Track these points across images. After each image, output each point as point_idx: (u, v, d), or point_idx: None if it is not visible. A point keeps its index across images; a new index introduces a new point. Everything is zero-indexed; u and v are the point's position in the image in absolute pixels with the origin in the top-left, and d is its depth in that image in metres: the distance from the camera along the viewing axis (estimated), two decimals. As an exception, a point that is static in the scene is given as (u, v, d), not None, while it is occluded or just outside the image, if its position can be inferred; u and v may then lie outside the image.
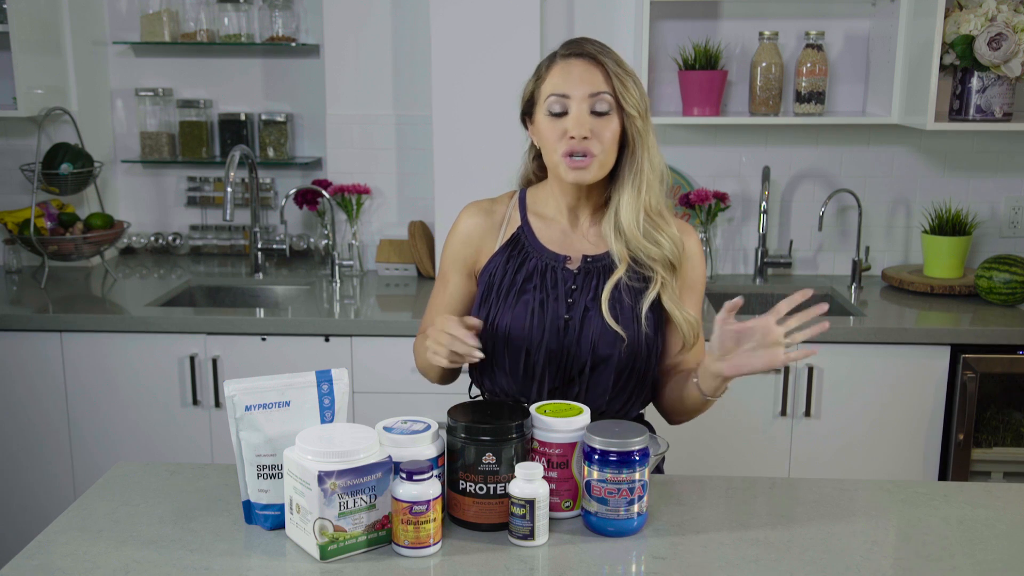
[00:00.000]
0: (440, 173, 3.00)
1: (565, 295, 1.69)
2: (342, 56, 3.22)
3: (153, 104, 3.35)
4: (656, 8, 3.05)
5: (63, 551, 1.41)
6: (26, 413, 2.81)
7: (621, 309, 1.67)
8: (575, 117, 1.62)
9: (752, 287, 3.18)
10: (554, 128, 1.64)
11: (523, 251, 1.73)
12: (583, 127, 1.62)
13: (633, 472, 1.42)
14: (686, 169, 3.25)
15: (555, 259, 1.72)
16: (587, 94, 1.62)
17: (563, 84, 1.63)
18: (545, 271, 1.71)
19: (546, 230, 1.75)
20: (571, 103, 1.63)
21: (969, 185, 3.23)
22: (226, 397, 1.45)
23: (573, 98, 1.63)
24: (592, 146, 1.62)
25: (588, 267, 1.71)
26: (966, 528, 1.51)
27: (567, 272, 1.71)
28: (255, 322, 2.77)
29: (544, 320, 1.68)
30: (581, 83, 1.62)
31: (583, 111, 1.62)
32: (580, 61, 1.64)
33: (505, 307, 1.69)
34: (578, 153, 1.62)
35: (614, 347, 1.66)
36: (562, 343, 1.68)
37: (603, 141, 1.63)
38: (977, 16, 2.80)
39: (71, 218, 3.18)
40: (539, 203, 1.77)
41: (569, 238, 1.74)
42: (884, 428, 2.74)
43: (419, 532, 1.37)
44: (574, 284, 1.70)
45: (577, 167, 1.63)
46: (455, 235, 1.79)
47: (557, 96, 1.63)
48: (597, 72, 1.63)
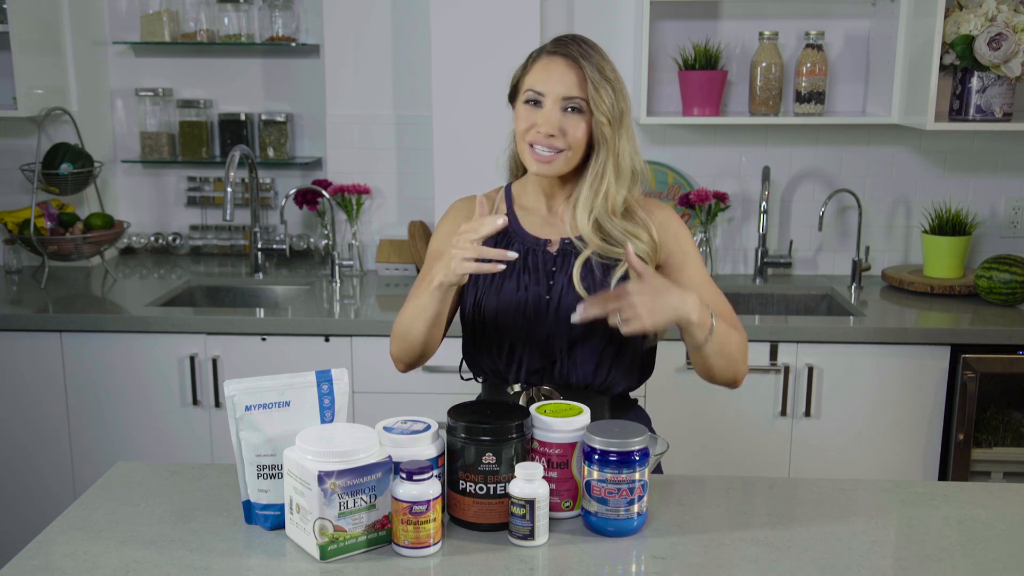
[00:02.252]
0: (440, 173, 3.00)
1: (546, 276, 1.75)
2: (342, 56, 3.22)
3: (153, 104, 3.35)
4: (656, 8, 3.05)
5: (63, 551, 1.41)
6: (26, 413, 2.81)
7: (592, 284, 1.72)
8: (545, 114, 1.69)
9: (752, 287, 3.18)
10: (527, 117, 1.71)
11: (507, 237, 1.79)
12: (551, 125, 1.69)
13: (633, 472, 1.42)
14: (686, 169, 3.25)
15: (536, 243, 1.78)
16: (560, 96, 1.69)
17: (540, 81, 1.70)
18: (527, 254, 1.77)
19: (528, 217, 1.82)
20: (546, 100, 1.70)
21: (969, 185, 3.23)
22: (226, 397, 1.45)
23: (547, 95, 1.69)
24: (557, 143, 1.69)
25: (566, 248, 1.77)
26: (966, 528, 1.51)
27: (547, 254, 1.77)
28: (255, 322, 2.77)
29: (527, 300, 1.73)
30: (557, 84, 1.69)
31: (555, 110, 1.69)
32: (562, 62, 1.70)
33: (491, 290, 1.75)
34: (543, 147, 1.70)
35: (589, 322, 1.67)
36: (544, 322, 1.73)
37: (570, 138, 1.70)
38: (977, 16, 2.79)
39: (71, 218, 3.18)
40: (523, 194, 1.85)
41: (548, 223, 1.80)
42: (884, 428, 2.74)
43: (419, 532, 1.37)
44: (554, 266, 1.76)
45: (540, 160, 1.71)
46: (441, 228, 1.84)
47: (533, 92, 1.71)
48: (574, 76, 1.69)
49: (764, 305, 3.16)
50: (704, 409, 2.73)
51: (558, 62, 1.70)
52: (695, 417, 2.73)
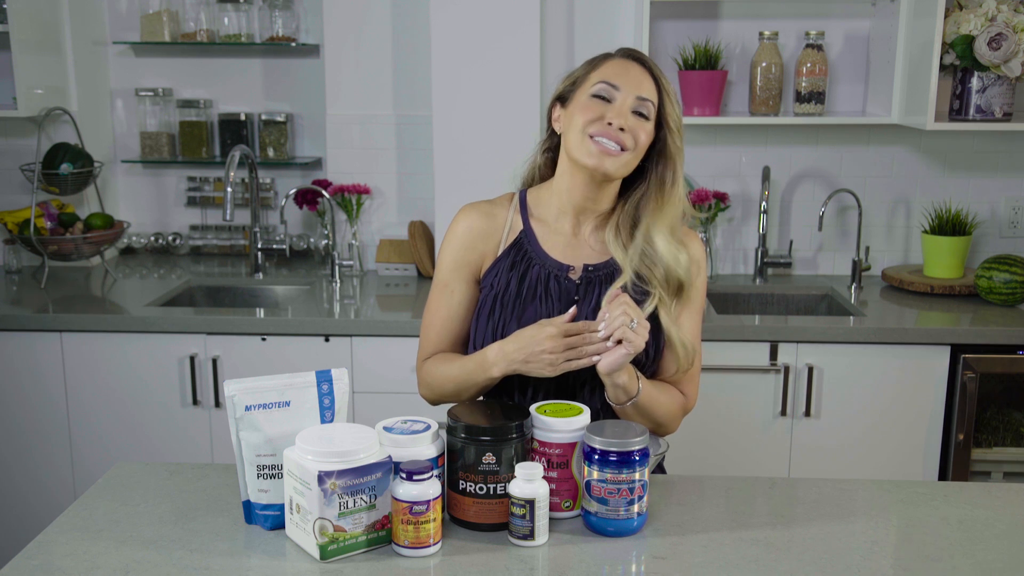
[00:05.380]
0: (440, 173, 3.00)
1: (567, 306, 1.67)
2: (342, 56, 3.22)
3: (153, 104, 3.35)
4: (656, 8, 3.05)
5: (63, 551, 1.41)
6: (26, 413, 2.81)
7: None
8: (618, 107, 1.64)
9: (752, 287, 3.18)
10: (593, 108, 1.64)
11: (526, 258, 1.71)
12: (624, 118, 1.63)
13: (633, 472, 1.42)
14: (686, 169, 3.23)
15: (558, 268, 1.70)
16: (637, 94, 1.64)
17: (618, 76, 1.65)
18: (548, 280, 1.69)
19: (549, 236, 1.73)
20: (619, 95, 1.64)
21: (969, 185, 3.23)
22: (226, 397, 1.45)
23: (623, 90, 1.64)
24: (626, 140, 1.62)
25: (589, 276, 1.70)
26: (966, 528, 1.50)
27: (569, 282, 1.69)
28: (255, 322, 2.77)
29: None
30: (635, 82, 1.65)
31: (627, 105, 1.64)
32: (637, 66, 1.67)
33: (511, 320, 1.67)
34: (609, 141, 1.62)
35: None
36: None
37: (637, 140, 1.64)
38: (977, 16, 2.80)
39: (71, 218, 3.18)
40: (541, 205, 1.75)
41: (571, 245, 1.72)
42: (884, 428, 2.74)
43: (419, 532, 1.37)
44: (577, 295, 1.69)
45: (604, 151, 1.62)
46: (455, 239, 1.74)
47: (608, 84, 1.65)
48: (651, 81, 1.66)
49: (764, 305, 3.16)
50: (704, 409, 2.72)
51: (634, 65, 1.67)
52: (695, 417, 2.72)
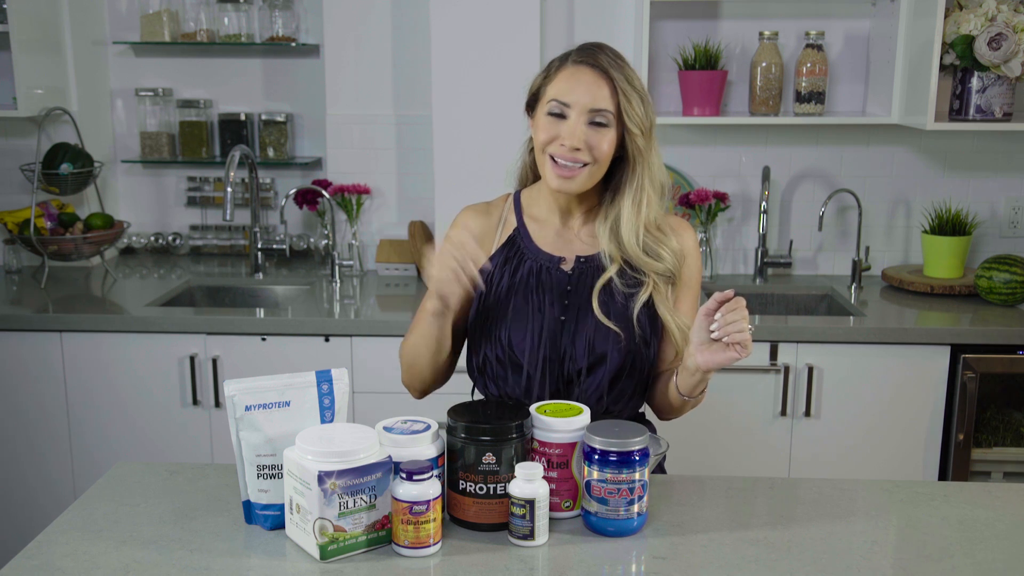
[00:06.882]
0: (440, 173, 3.00)
1: (560, 297, 1.69)
2: (342, 56, 3.22)
3: (153, 104, 3.35)
4: (656, 8, 3.05)
5: (63, 551, 1.41)
6: (26, 413, 2.81)
7: (613, 308, 1.67)
8: (570, 127, 1.61)
9: (752, 287, 3.18)
10: (549, 128, 1.64)
11: (519, 253, 1.73)
12: (576, 138, 1.61)
13: (633, 472, 1.42)
14: (686, 169, 3.25)
15: (549, 260, 1.72)
16: (588, 107, 1.61)
17: (567, 92, 1.62)
18: (540, 272, 1.71)
19: (540, 231, 1.75)
20: (571, 111, 1.62)
21: (969, 185, 3.23)
22: (226, 397, 1.45)
23: (574, 107, 1.62)
24: (582, 156, 1.62)
25: (581, 267, 1.71)
26: (966, 528, 1.51)
27: (561, 273, 1.71)
28: (255, 322, 2.77)
29: (542, 322, 1.68)
30: (585, 95, 1.61)
31: (580, 122, 1.62)
32: (590, 72, 1.62)
33: (503, 311, 1.69)
34: (566, 161, 1.62)
35: (608, 344, 1.66)
36: (560, 344, 1.68)
37: (596, 152, 1.63)
38: (977, 16, 2.80)
39: (71, 218, 3.18)
40: (533, 204, 1.77)
41: (562, 239, 1.74)
42: (884, 428, 2.74)
43: (419, 532, 1.37)
44: (568, 285, 1.70)
45: (562, 175, 1.63)
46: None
47: (558, 103, 1.63)
48: (604, 86, 1.62)
49: (764, 305, 3.16)
50: (704, 409, 2.72)
51: (585, 72, 1.62)
52: (695, 417, 2.72)
